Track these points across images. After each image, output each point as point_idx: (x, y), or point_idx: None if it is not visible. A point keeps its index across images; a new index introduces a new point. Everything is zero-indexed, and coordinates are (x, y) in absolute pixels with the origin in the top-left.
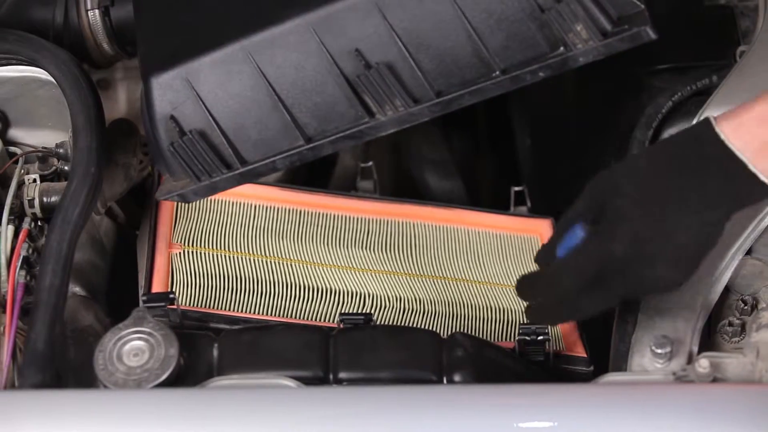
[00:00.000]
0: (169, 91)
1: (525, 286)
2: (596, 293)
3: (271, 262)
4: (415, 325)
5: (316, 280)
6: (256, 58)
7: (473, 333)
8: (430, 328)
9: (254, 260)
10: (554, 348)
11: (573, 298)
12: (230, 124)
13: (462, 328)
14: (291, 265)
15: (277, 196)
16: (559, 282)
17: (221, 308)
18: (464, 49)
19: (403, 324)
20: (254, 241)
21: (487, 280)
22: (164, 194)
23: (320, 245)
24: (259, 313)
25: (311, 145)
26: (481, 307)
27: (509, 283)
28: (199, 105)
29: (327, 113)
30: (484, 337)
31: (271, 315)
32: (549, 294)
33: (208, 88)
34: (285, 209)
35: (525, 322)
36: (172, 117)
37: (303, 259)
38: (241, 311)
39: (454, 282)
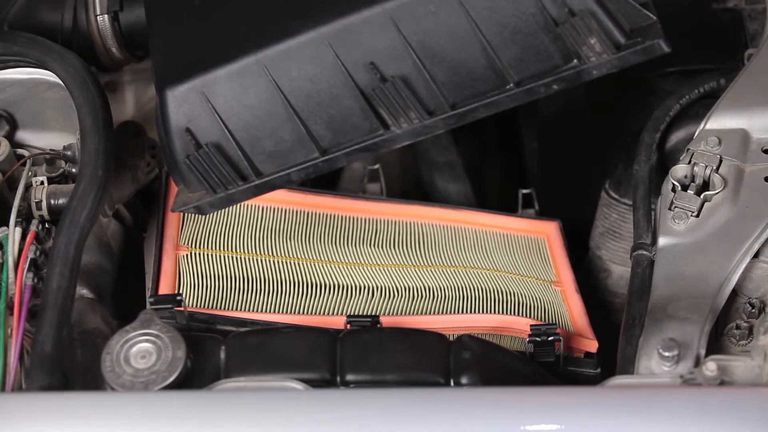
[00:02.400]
0: (185, 103)
1: None
2: None
3: (278, 261)
4: (423, 312)
5: (323, 277)
6: (272, 70)
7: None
8: (439, 313)
9: (261, 260)
10: (564, 344)
11: None
12: (246, 137)
13: (470, 311)
14: (298, 263)
15: (285, 198)
16: None
17: (229, 308)
18: (478, 62)
19: (412, 311)
20: (261, 242)
21: (494, 267)
22: (180, 206)
23: (327, 244)
24: (267, 312)
25: (326, 157)
26: (489, 290)
27: (517, 272)
28: (214, 118)
29: (342, 126)
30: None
31: (279, 312)
32: None
33: (223, 100)
34: (292, 210)
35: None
36: (188, 129)
37: (310, 257)
38: (250, 311)
39: (462, 270)
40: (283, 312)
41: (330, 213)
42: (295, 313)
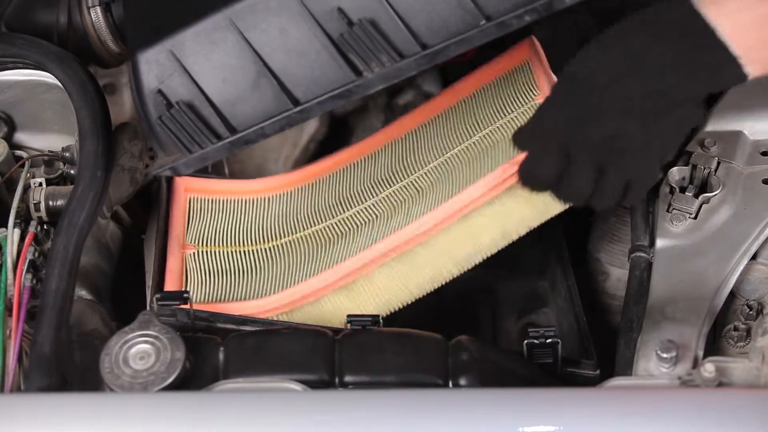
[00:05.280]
0: (156, 65)
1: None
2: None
3: (285, 243)
4: (428, 209)
5: (329, 234)
6: (239, 25)
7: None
8: (443, 202)
9: (269, 248)
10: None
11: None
12: (217, 94)
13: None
14: (305, 236)
15: (285, 182)
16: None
17: (239, 299)
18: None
19: (417, 215)
20: (267, 230)
21: (483, 126)
22: (156, 169)
23: (329, 205)
24: (278, 290)
25: (299, 108)
26: (482, 154)
27: (503, 116)
28: (185, 77)
29: (313, 75)
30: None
31: (290, 286)
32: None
33: (193, 59)
34: (294, 190)
35: None
36: (160, 91)
37: (315, 224)
38: (259, 297)
39: (456, 152)
40: (293, 284)
41: (328, 174)
42: (302, 280)
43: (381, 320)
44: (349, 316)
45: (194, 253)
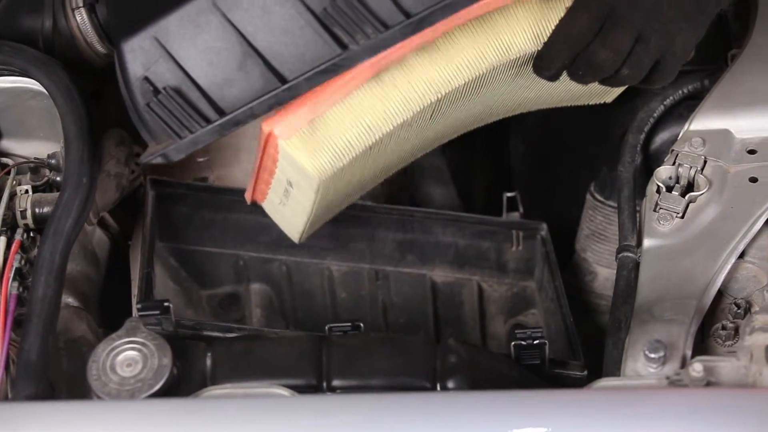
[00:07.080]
0: (141, 52)
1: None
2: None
3: None
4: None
5: None
6: (222, 6)
7: None
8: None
9: None
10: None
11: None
12: (204, 77)
13: None
14: None
15: None
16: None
17: None
18: None
19: None
20: None
21: None
22: (147, 156)
23: None
24: None
25: (287, 85)
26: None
27: None
28: (171, 62)
29: (299, 52)
30: None
31: None
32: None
33: (178, 44)
34: None
35: None
36: (146, 78)
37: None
38: None
39: None
40: None
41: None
42: None
43: (362, 327)
44: (328, 326)
45: None
